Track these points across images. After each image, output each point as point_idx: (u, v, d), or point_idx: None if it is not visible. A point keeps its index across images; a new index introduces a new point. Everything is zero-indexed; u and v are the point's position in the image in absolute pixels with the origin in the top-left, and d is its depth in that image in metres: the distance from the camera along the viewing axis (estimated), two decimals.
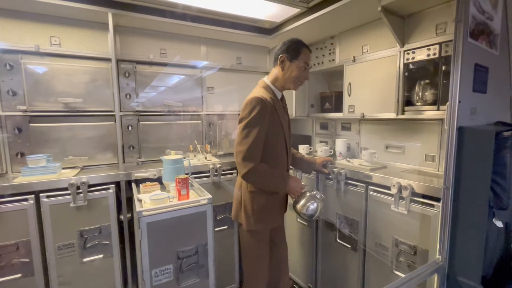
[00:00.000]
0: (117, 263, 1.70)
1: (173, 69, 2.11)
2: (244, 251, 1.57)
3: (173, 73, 2.11)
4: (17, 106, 1.64)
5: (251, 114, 1.31)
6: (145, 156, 2.05)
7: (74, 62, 1.77)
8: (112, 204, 1.66)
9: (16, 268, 1.47)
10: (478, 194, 1.05)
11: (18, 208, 1.44)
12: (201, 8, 1.84)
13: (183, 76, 2.16)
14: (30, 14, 1.63)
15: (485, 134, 1.02)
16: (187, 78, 2.18)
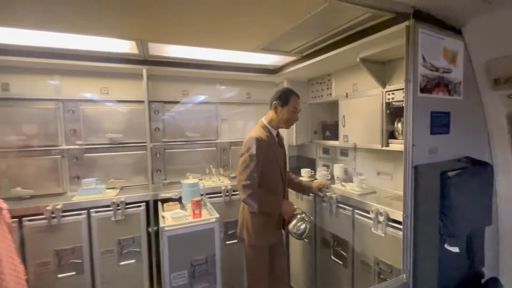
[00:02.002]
0: (145, 267, 2.08)
1: (193, 106, 2.53)
2: (247, 263, 1.86)
3: (193, 109, 2.54)
4: (76, 141, 2.15)
5: (249, 151, 1.64)
6: (169, 177, 2.47)
7: (117, 105, 2.26)
8: (143, 218, 2.07)
9: (71, 267, 1.90)
10: (430, 223, 1.26)
11: (75, 221, 1.89)
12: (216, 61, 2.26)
13: (201, 110, 2.58)
14: (87, 73, 2.15)
15: (432, 173, 1.24)
16: (205, 112, 2.59)
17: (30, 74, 2.02)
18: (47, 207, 1.81)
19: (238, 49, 1.91)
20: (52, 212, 1.82)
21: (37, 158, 2.07)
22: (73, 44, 1.80)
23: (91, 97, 2.18)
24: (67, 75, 2.10)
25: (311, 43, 1.82)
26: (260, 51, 1.95)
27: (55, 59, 1.91)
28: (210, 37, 1.67)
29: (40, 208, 1.81)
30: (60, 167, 2.12)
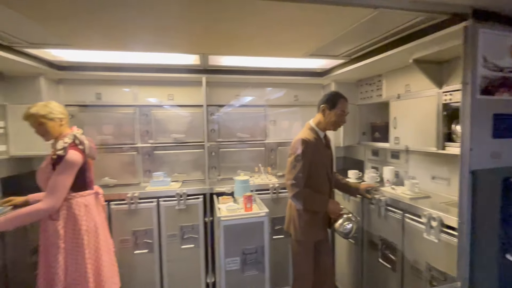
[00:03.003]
0: (202, 252, 2.36)
1: (244, 109, 2.75)
2: (293, 257, 1.98)
3: (244, 112, 2.75)
4: (148, 140, 2.55)
5: (296, 152, 1.75)
6: (223, 174, 2.73)
7: (181, 109, 2.60)
8: (201, 209, 2.35)
9: (144, 246, 2.27)
10: (489, 231, 1.21)
11: (148, 207, 2.26)
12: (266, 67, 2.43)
13: (251, 113, 2.78)
14: (158, 82, 2.53)
15: (493, 179, 1.19)
16: (254, 114, 2.79)
17: (116, 85, 2.47)
18: (128, 195, 2.20)
19: (287, 56, 2.04)
20: (131, 199, 2.21)
21: (119, 154, 2.52)
22: (148, 59, 2.16)
23: (160, 102, 2.55)
24: (142, 85, 2.51)
25: (360, 47, 1.84)
26: (308, 56, 2.04)
27: (134, 72, 2.31)
28: (262, 48, 1.84)
29: (122, 195, 2.22)
30: (136, 162, 2.54)
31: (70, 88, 2.40)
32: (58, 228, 1.60)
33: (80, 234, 1.65)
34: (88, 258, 1.66)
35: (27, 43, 1.64)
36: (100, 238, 1.77)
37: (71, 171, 1.62)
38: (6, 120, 2.08)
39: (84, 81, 2.41)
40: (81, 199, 1.70)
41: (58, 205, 1.57)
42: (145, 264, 2.26)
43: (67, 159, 1.59)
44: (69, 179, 1.61)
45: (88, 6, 1.18)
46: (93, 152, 1.79)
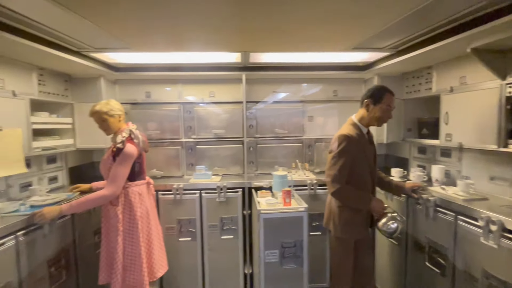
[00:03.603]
0: (241, 243, 2.45)
1: (282, 105, 2.77)
2: (332, 254, 1.96)
3: (282, 108, 2.77)
4: (191, 135, 2.70)
5: (338, 148, 1.73)
6: (260, 169, 2.79)
7: (221, 106, 2.72)
8: (240, 202, 2.44)
9: (187, 234, 2.43)
10: None
11: (191, 198, 2.41)
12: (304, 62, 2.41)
13: (289, 109, 2.78)
14: (200, 80, 2.66)
15: None
16: (292, 110, 2.79)
17: (163, 84, 2.66)
18: (174, 186, 2.37)
19: (329, 50, 2.01)
20: (177, 190, 2.37)
21: (165, 148, 2.71)
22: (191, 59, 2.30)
23: (202, 100, 2.69)
24: (186, 83, 2.67)
25: (408, 38, 1.74)
26: (351, 50, 1.99)
27: (179, 72, 2.47)
28: (304, 43, 1.84)
29: (168, 186, 2.39)
30: (180, 155, 2.72)
31: (124, 88, 2.65)
32: (118, 213, 1.79)
33: (135, 219, 1.82)
34: (142, 241, 1.83)
35: (92, 48, 1.85)
36: (151, 224, 1.95)
37: (129, 162, 1.80)
38: (73, 117, 2.37)
39: (136, 81, 2.63)
40: (135, 188, 1.87)
41: (118, 192, 1.76)
42: (188, 251, 2.42)
43: (125, 151, 1.77)
44: (127, 169, 1.79)
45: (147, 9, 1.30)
46: (146, 145, 1.96)
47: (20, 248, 1.51)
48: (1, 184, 1.85)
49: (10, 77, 1.81)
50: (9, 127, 1.71)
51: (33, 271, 1.58)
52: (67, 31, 1.56)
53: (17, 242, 1.50)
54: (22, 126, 1.83)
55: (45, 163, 2.23)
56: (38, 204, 1.77)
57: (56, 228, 1.75)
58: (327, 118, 2.83)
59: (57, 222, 1.74)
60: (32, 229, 1.59)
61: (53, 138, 2.20)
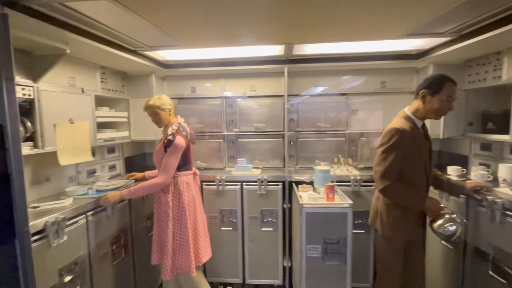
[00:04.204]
0: (280, 236, 2.47)
1: (325, 98, 2.69)
2: (378, 255, 1.87)
3: (324, 101, 2.69)
4: (233, 129, 2.78)
5: (389, 142, 1.62)
6: (300, 163, 2.76)
7: (262, 100, 2.74)
8: (280, 195, 2.45)
9: (229, 224, 2.52)
10: None
11: (233, 189, 2.49)
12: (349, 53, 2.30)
13: (332, 102, 2.69)
14: (242, 75, 2.71)
15: None
16: (335, 103, 2.69)
17: (207, 79, 2.76)
18: (217, 177, 2.47)
19: (380, 38, 1.88)
20: (219, 181, 2.47)
21: (209, 141, 2.83)
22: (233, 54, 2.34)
23: (244, 94, 2.74)
24: (229, 78, 2.74)
25: (475, 20, 1.55)
26: (405, 37, 1.84)
27: (222, 67, 2.54)
28: (354, 32, 1.75)
29: (212, 177, 2.50)
30: (222, 148, 2.82)
31: (171, 84, 2.82)
32: (168, 200, 1.93)
33: (183, 207, 1.95)
34: (189, 228, 1.95)
35: (147, 47, 1.99)
36: (197, 211, 2.06)
37: (178, 153, 1.92)
38: (129, 111, 2.60)
39: (182, 77, 2.78)
40: (183, 177, 1.99)
41: (169, 181, 1.90)
42: (230, 240, 2.51)
43: (175, 143, 1.89)
44: (176, 159, 1.92)
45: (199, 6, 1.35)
46: (193, 137, 2.07)
47: (89, 226, 1.72)
48: (73, 170, 2.12)
49: (79, 76, 2.05)
50: (79, 120, 1.94)
51: (99, 247, 1.79)
52: (126, 31, 1.70)
53: (87, 221, 1.71)
54: (89, 119, 2.05)
55: (106, 153, 2.49)
56: (102, 189, 1.98)
57: (117, 210, 1.95)
58: (373, 112, 2.68)
59: (117, 205, 1.94)
60: (98, 210, 1.80)
61: (112, 131, 2.44)
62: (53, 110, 1.73)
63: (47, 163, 1.86)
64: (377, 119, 2.66)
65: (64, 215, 1.51)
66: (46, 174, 1.88)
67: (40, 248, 1.39)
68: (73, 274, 1.58)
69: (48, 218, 1.44)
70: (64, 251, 1.53)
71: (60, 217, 1.48)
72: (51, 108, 1.71)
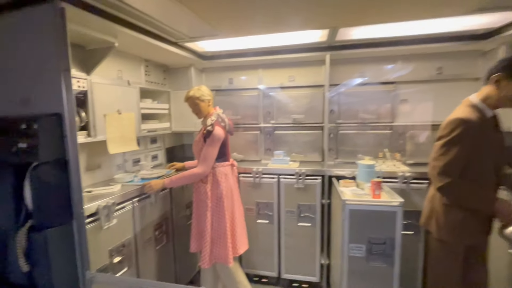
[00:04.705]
0: (318, 232, 2.37)
1: (369, 87, 2.49)
2: (431, 261, 1.68)
3: (369, 90, 2.49)
4: (270, 121, 2.72)
5: (451, 134, 1.42)
6: (340, 157, 2.61)
7: (301, 90, 2.63)
8: (319, 190, 2.34)
9: (265, 217, 2.49)
10: None
11: (269, 182, 2.44)
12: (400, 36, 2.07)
13: (378, 91, 2.48)
14: (280, 64, 2.62)
15: None
16: (381, 93, 2.48)
17: (244, 70, 2.73)
18: (253, 169, 2.44)
19: (441, 15, 1.65)
20: (256, 173, 2.44)
21: (245, 133, 2.81)
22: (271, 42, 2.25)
23: (281, 84, 2.65)
24: (266, 68, 2.67)
25: None
26: (473, 12, 1.58)
27: (260, 57, 2.47)
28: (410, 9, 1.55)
29: (248, 169, 2.48)
30: (258, 140, 2.78)
31: (209, 75, 2.84)
32: (207, 190, 1.95)
33: (221, 197, 1.95)
34: (227, 218, 1.96)
35: (188, 38, 2.01)
36: (235, 203, 2.06)
37: (217, 144, 1.92)
38: (169, 103, 2.68)
39: (220, 68, 2.78)
40: (222, 168, 2.00)
41: (208, 171, 1.91)
42: (266, 233, 2.48)
43: (214, 133, 1.89)
44: (215, 150, 1.92)
45: None
46: (231, 128, 2.06)
47: (135, 212, 1.81)
48: (120, 159, 2.25)
49: (126, 69, 2.15)
50: (125, 111, 2.04)
51: (143, 232, 1.88)
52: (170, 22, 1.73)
53: (133, 207, 1.80)
54: (134, 110, 2.15)
55: (149, 143, 2.60)
56: (146, 177, 2.08)
57: (159, 198, 2.03)
58: (426, 102, 2.40)
59: (160, 193, 2.02)
60: (143, 197, 1.88)
61: (154, 122, 2.54)
62: (103, 102, 1.84)
63: (98, 152, 1.99)
64: (430, 110, 2.39)
65: (113, 200, 1.60)
66: (98, 161, 2.02)
67: (93, 230, 1.49)
68: (121, 256, 1.68)
69: (100, 202, 1.54)
70: (114, 234, 1.63)
71: (110, 202, 1.57)
72: (101, 99, 1.82)
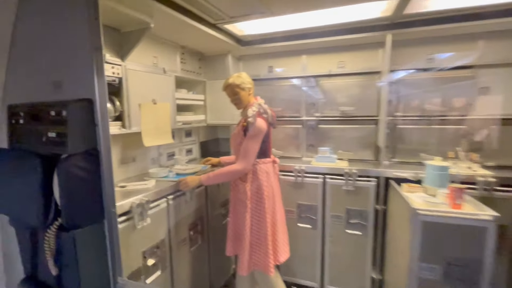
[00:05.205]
0: (370, 242, 2.05)
1: (436, 74, 2.07)
2: None
3: (440, 77, 2.07)
4: (314, 113, 2.42)
5: None
6: (398, 156, 2.23)
7: (351, 78, 2.29)
8: (373, 194, 2.01)
9: (307, 220, 2.22)
10: None
11: (313, 182, 2.16)
12: (492, 4, 1.64)
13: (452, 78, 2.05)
14: (328, 49, 2.31)
15: None
16: (453, 80, 2.04)
17: (286, 57, 2.45)
18: (295, 167, 2.18)
19: None
20: (298, 172, 2.17)
21: (285, 127, 2.55)
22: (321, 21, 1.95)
23: (329, 72, 2.33)
24: (312, 53, 2.37)
25: None
26: None
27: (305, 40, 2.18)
28: None
29: (289, 167, 2.22)
30: (300, 135, 2.50)
31: (247, 64, 2.61)
32: (246, 189, 1.73)
33: (262, 198, 1.73)
34: (268, 222, 1.73)
35: (228, 17, 1.79)
36: (276, 205, 1.82)
37: (259, 138, 1.70)
38: (205, 94, 2.51)
39: (259, 55, 2.54)
40: (263, 165, 1.77)
41: (249, 168, 1.70)
42: (307, 238, 2.22)
43: (256, 126, 1.66)
44: (257, 145, 1.70)
45: None
46: (274, 121, 1.82)
47: (170, 210, 1.66)
48: (155, 152, 2.13)
49: (161, 56, 2.00)
50: (160, 101, 1.90)
51: (178, 232, 1.73)
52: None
53: (168, 204, 1.65)
54: (169, 100, 2.00)
55: (184, 136, 2.47)
56: (181, 172, 1.93)
57: (195, 195, 1.87)
58: None
59: (195, 190, 1.86)
60: (178, 194, 1.73)
61: (189, 114, 2.39)
62: (138, 90, 1.70)
63: (133, 144, 1.88)
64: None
65: (147, 198, 1.46)
66: (132, 154, 1.91)
67: (126, 230, 1.35)
68: (155, 258, 1.54)
69: (133, 199, 1.40)
70: (147, 234, 1.49)
71: (144, 199, 1.43)
72: (136, 87, 1.68)
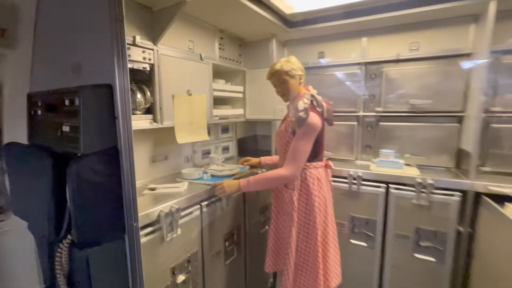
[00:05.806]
0: (447, 271, 1.60)
1: None
2: None
3: None
4: (374, 108, 2.00)
5: None
6: (490, 164, 1.72)
7: (427, 64, 1.82)
8: (455, 212, 1.56)
9: (363, 237, 1.84)
10: None
11: (373, 192, 1.77)
12: None
13: None
14: (396, 28, 1.86)
15: None
16: None
17: (340, 40, 2.06)
18: (350, 172, 1.81)
19: None
20: (353, 178, 1.80)
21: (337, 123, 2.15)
22: None
23: (397, 56, 1.88)
24: (373, 34, 1.95)
25: None
26: None
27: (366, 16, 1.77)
28: None
29: (342, 172, 1.86)
30: (355, 134, 2.10)
31: (294, 50, 2.26)
32: (293, 199, 1.43)
33: (313, 211, 1.41)
34: (319, 240, 1.41)
35: None
36: (328, 218, 1.49)
37: (312, 137, 1.37)
38: (244, 85, 2.24)
39: (307, 40, 2.18)
40: (314, 170, 1.44)
41: (298, 173, 1.39)
42: (362, 258, 1.84)
43: (309, 122, 1.34)
44: (309, 145, 1.37)
45: None
46: (331, 116, 1.47)
47: (203, 218, 1.42)
48: (189, 150, 1.92)
49: (198, 41, 1.76)
50: (196, 92, 1.67)
51: (212, 244, 1.49)
52: None
53: (201, 212, 1.41)
54: (205, 92, 1.77)
55: (220, 132, 2.23)
56: (217, 174, 1.68)
57: (231, 201, 1.61)
58: None
59: (232, 195, 1.60)
60: (213, 200, 1.49)
61: (227, 107, 2.14)
62: (171, 79, 1.49)
63: (165, 140, 1.68)
64: None
65: (178, 205, 1.23)
66: (164, 152, 1.72)
67: (153, 242, 1.14)
68: (186, 274, 1.32)
69: (162, 206, 1.18)
70: (178, 246, 1.27)
71: (174, 207, 1.20)
72: (170, 76, 1.47)
